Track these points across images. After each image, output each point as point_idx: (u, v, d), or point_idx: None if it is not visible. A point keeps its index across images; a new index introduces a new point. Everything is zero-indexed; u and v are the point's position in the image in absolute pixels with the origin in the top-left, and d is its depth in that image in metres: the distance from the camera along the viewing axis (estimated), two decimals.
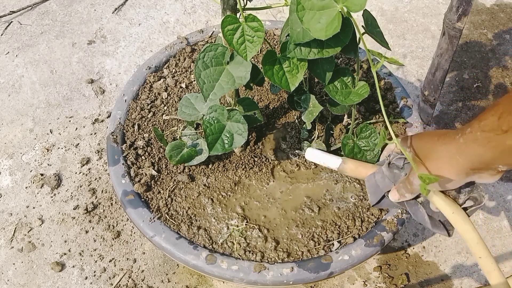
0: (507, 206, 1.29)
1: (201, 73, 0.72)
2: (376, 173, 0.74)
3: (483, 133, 0.54)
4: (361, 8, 0.58)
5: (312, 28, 0.61)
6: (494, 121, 0.53)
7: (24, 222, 1.24)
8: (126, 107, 0.98)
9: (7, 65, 1.61)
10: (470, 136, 0.56)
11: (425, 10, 1.82)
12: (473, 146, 0.56)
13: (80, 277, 1.15)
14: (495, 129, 0.52)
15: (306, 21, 0.61)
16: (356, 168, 0.78)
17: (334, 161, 0.80)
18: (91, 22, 1.76)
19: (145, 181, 0.86)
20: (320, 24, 0.60)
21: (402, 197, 0.70)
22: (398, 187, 0.70)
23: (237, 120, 0.77)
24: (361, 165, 0.78)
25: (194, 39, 1.11)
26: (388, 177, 0.71)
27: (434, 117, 1.48)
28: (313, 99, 0.82)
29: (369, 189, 0.76)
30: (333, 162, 0.80)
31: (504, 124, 0.51)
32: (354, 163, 0.78)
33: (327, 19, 0.60)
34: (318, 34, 0.61)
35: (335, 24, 0.60)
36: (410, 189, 0.68)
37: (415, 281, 1.15)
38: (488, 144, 0.54)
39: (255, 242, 0.80)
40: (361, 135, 0.85)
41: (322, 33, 0.60)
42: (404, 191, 0.69)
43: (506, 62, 1.63)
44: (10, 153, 1.38)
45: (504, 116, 0.51)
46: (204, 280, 1.14)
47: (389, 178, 0.71)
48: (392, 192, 0.71)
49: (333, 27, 0.60)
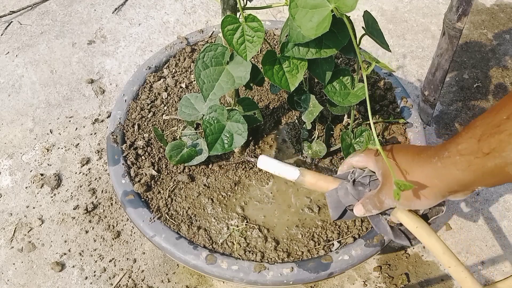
0: (507, 206, 1.29)
1: (201, 73, 0.72)
2: (339, 189, 0.72)
3: (462, 157, 0.53)
4: (352, 9, 0.58)
5: (303, 26, 0.61)
6: (474, 144, 0.51)
7: (24, 222, 1.24)
8: (126, 107, 0.98)
9: (7, 65, 1.61)
10: (449, 160, 0.55)
11: (425, 10, 1.82)
12: (453, 170, 0.54)
13: (80, 277, 1.15)
14: (475, 152, 0.51)
15: (298, 18, 0.61)
16: (316, 182, 0.74)
17: (291, 172, 0.75)
18: (91, 22, 1.76)
19: (145, 181, 0.86)
20: (312, 22, 0.60)
21: (368, 212, 0.69)
22: (365, 203, 0.68)
23: (237, 120, 0.78)
24: (321, 179, 0.74)
25: (194, 39, 1.11)
26: (352, 194, 0.70)
27: (434, 117, 1.48)
28: (313, 99, 0.82)
29: (331, 204, 0.74)
30: (290, 173, 0.75)
31: (485, 146, 0.50)
32: (313, 176, 0.75)
33: (319, 18, 0.60)
34: (309, 33, 0.61)
35: (325, 23, 0.59)
36: (379, 206, 0.66)
37: (415, 281, 1.15)
38: (469, 168, 0.52)
39: (255, 242, 0.80)
40: (359, 138, 0.85)
41: (312, 32, 0.60)
42: (371, 207, 0.67)
43: (506, 62, 1.63)
44: (10, 153, 1.38)
45: (484, 138, 0.50)
46: (204, 280, 1.14)
47: (353, 195, 0.70)
48: (358, 207, 0.70)
49: (323, 26, 0.60)
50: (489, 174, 0.51)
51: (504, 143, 0.48)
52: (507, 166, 0.49)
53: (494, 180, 0.53)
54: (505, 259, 1.20)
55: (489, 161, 0.50)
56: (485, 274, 1.18)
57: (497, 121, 0.49)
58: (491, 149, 0.49)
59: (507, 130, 0.47)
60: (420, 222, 0.66)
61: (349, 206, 0.72)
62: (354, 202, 0.71)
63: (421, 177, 0.59)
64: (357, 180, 0.71)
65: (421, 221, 0.66)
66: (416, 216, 0.66)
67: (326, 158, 0.91)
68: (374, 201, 0.67)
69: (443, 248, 0.64)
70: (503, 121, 0.48)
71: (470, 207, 1.29)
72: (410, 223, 0.66)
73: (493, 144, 0.49)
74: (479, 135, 0.51)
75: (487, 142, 0.49)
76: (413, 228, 0.66)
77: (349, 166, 0.74)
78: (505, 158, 0.48)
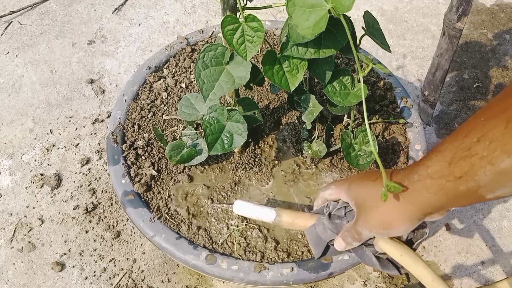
0: (507, 206, 1.29)
1: (201, 73, 0.72)
2: (317, 225, 0.70)
3: (433, 180, 0.51)
4: (348, 9, 0.57)
5: (300, 25, 0.60)
6: (445, 168, 0.50)
7: (24, 222, 1.24)
8: (126, 107, 0.98)
9: (7, 65, 1.61)
10: (420, 184, 0.53)
11: (425, 10, 1.82)
12: (425, 194, 0.53)
13: (80, 277, 1.15)
14: (446, 175, 0.49)
15: (295, 17, 0.61)
16: (293, 221, 0.72)
17: (268, 213, 0.72)
18: (91, 22, 1.76)
19: (145, 181, 0.86)
20: (308, 22, 0.60)
21: (348, 245, 0.66)
22: (344, 236, 0.67)
23: (237, 120, 0.77)
24: (297, 217, 0.72)
25: (194, 39, 1.11)
26: (330, 228, 0.68)
27: (434, 117, 1.48)
28: (313, 99, 0.82)
29: (311, 242, 0.72)
30: (266, 215, 0.72)
31: (456, 170, 0.48)
32: (290, 215, 0.72)
33: (316, 17, 0.60)
34: (305, 32, 0.60)
35: (322, 23, 0.59)
36: (358, 238, 0.64)
37: (415, 281, 1.15)
38: (441, 191, 0.51)
39: (255, 242, 0.80)
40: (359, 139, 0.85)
41: (309, 31, 0.60)
42: (351, 240, 0.65)
43: (506, 62, 1.63)
44: (10, 153, 1.38)
45: (455, 161, 0.48)
46: (204, 280, 1.14)
47: (331, 229, 0.68)
48: (338, 241, 0.67)
49: (319, 26, 0.59)
50: (462, 197, 0.50)
51: (476, 166, 0.46)
52: (480, 189, 0.47)
53: (467, 202, 0.51)
54: (505, 259, 1.20)
55: (462, 185, 0.49)
56: (485, 274, 1.18)
57: (467, 144, 0.47)
58: (463, 173, 0.48)
59: (478, 154, 0.46)
60: (404, 249, 0.63)
61: (330, 241, 0.70)
62: (334, 236, 0.68)
63: (394, 203, 0.57)
64: (332, 213, 0.69)
65: (406, 248, 0.63)
66: (400, 244, 0.64)
67: (326, 158, 0.91)
68: (352, 234, 0.65)
69: (431, 275, 0.62)
70: (473, 143, 0.47)
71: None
72: (393, 252, 0.63)
73: (465, 168, 0.47)
74: (449, 158, 0.49)
75: (459, 165, 0.48)
76: (398, 257, 0.63)
77: (323, 200, 0.72)
78: (478, 181, 0.47)
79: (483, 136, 0.46)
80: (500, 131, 0.44)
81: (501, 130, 0.44)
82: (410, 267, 0.63)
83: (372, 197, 0.61)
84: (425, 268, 0.62)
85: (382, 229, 0.60)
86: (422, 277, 0.62)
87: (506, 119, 0.44)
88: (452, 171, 0.49)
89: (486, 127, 0.45)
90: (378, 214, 0.60)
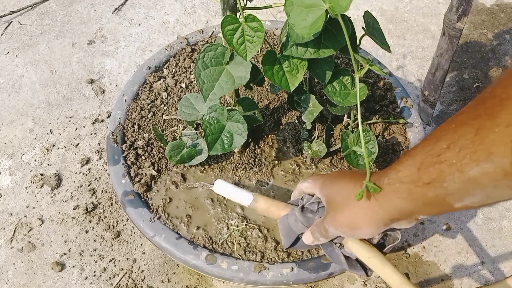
0: (507, 206, 1.29)
1: (201, 73, 0.72)
2: (289, 216, 0.71)
3: (402, 185, 0.51)
4: (345, 9, 0.57)
5: (297, 25, 0.60)
6: (414, 173, 0.49)
7: (24, 222, 1.24)
8: (126, 107, 0.98)
9: (7, 65, 1.61)
10: (389, 188, 0.53)
11: (425, 10, 1.82)
12: (393, 198, 0.52)
13: (80, 277, 1.15)
14: (415, 181, 0.49)
15: (292, 16, 0.61)
16: (268, 208, 0.73)
17: (245, 197, 0.73)
18: (91, 22, 1.76)
19: (145, 181, 0.86)
20: (306, 21, 0.60)
21: (316, 240, 0.66)
22: (313, 230, 0.67)
23: (237, 120, 0.77)
24: (273, 205, 0.73)
25: (194, 39, 1.11)
26: (301, 221, 0.68)
27: (434, 117, 1.48)
28: (313, 99, 0.82)
29: (282, 232, 0.72)
30: (244, 198, 0.73)
31: (425, 176, 0.47)
32: (266, 202, 0.73)
33: (313, 17, 0.60)
34: (302, 31, 0.60)
35: (319, 23, 0.59)
36: (325, 235, 0.64)
37: (415, 281, 1.15)
38: (409, 196, 0.50)
39: (255, 242, 0.80)
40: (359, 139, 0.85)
41: (306, 31, 0.60)
42: (319, 235, 0.65)
43: (506, 62, 1.63)
44: (10, 153, 1.38)
45: (424, 167, 0.47)
46: (204, 280, 1.14)
47: (302, 222, 0.68)
48: (306, 235, 0.68)
49: (316, 26, 0.59)
50: (430, 204, 0.49)
51: (445, 173, 0.45)
52: (448, 197, 0.46)
53: (435, 210, 0.51)
54: (505, 259, 1.20)
55: (430, 191, 0.47)
56: (485, 274, 1.18)
57: (437, 150, 0.46)
58: (432, 179, 0.47)
59: (447, 160, 0.45)
60: (373, 252, 0.62)
61: (301, 234, 0.70)
62: (304, 229, 0.69)
63: (362, 205, 0.57)
64: (305, 206, 0.69)
65: (374, 251, 0.63)
66: (369, 246, 0.63)
67: (326, 158, 0.91)
68: (320, 229, 0.65)
69: (400, 279, 0.60)
70: (443, 150, 0.45)
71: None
72: (362, 253, 0.63)
73: (434, 174, 0.46)
74: (419, 163, 0.48)
75: (427, 171, 0.47)
76: (366, 259, 0.63)
77: (300, 192, 0.72)
78: (446, 188, 0.46)
79: (453, 143, 0.44)
80: (470, 139, 0.43)
81: (471, 137, 0.42)
82: (378, 270, 0.62)
83: (343, 196, 0.61)
84: (393, 272, 0.61)
85: (348, 228, 0.60)
86: (390, 281, 0.61)
87: (476, 127, 0.42)
88: (421, 177, 0.48)
89: (457, 134, 0.44)
90: (346, 214, 0.60)
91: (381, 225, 0.57)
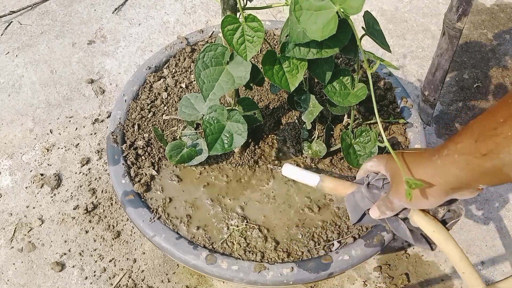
0: (507, 206, 1.29)
1: (201, 73, 0.72)
2: (356, 193, 0.74)
3: (460, 156, 0.54)
4: (358, 11, 0.57)
5: (308, 29, 0.61)
6: (471, 144, 0.52)
7: (24, 222, 1.24)
8: (126, 107, 0.98)
9: (7, 65, 1.61)
10: (448, 159, 0.56)
11: (425, 10, 1.82)
12: (452, 169, 0.56)
13: (80, 277, 1.15)
14: (472, 152, 0.52)
15: (303, 21, 0.61)
16: (335, 187, 0.77)
17: (312, 178, 0.77)
18: (91, 22, 1.76)
19: (145, 181, 0.86)
20: (317, 24, 0.60)
21: (382, 214, 0.70)
22: (379, 204, 0.70)
23: (236, 120, 0.77)
24: (339, 184, 0.77)
25: (194, 39, 1.11)
26: (367, 197, 0.72)
27: (434, 117, 1.48)
28: (313, 99, 0.82)
29: (349, 208, 0.76)
30: (311, 179, 0.77)
31: (482, 147, 0.51)
32: (332, 181, 0.76)
33: (324, 20, 0.60)
34: (314, 35, 0.60)
35: (331, 25, 0.59)
36: (390, 207, 0.68)
37: (415, 281, 1.15)
38: (467, 166, 0.54)
39: (255, 242, 0.80)
40: (359, 139, 0.85)
41: (318, 34, 0.60)
42: (385, 209, 0.69)
43: (506, 62, 1.63)
44: (10, 153, 1.38)
45: (481, 139, 0.51)
46: (204, 280, 1.14)
47: (368, 198, 0.72)
48: (373, 209, 0.72)
49: (329, 28, 0.60)
50: (487, 174, 0.53)
51: (501, 145, 0.49)
52: (504, 167, 0.50)
53: (493, 180, 0.54)
54: (505, 259, 1.20)
55: (487, 162, 0.51)
56: (485, 274, 1.18)
57: (493, 123, 0.50)
58: (488, 151, 0.50)
59: (503, 133, 0.48)
60: (438, 226, 0.66)
61: (367, 210, 0.74)
62: (370, 205, 0.72)
63: (424, 176, 0.60)
64: (371, 183, 0.73)
65: (439, 226, 0.66)
66: (434, 220, 0.67)
67: (326, 158, 0.91)
68: (386, 203, 0.68)
69: (460, 255, 0.65)
70: (499, 124, 0.49)
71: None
72: (427, 226, 0.66)
73: (490, 146, 0.50)
74: (476, 135, 0.52)
75: (484, 143, 0.51)
76: (430, 232, 0.66)
77: (365, 171, 0.76)
78: (502, 159, 0.49)
79: (509, 117, 0.48)
80: None
81: None
82: (441, 244, 0.66)
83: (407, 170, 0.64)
84: (455, 247, 0.65)
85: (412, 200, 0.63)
86: (451, 255, 0.65)
87: None
88: (478, 148, 0.51)
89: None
90: None
91: (442, 195, 0.60)
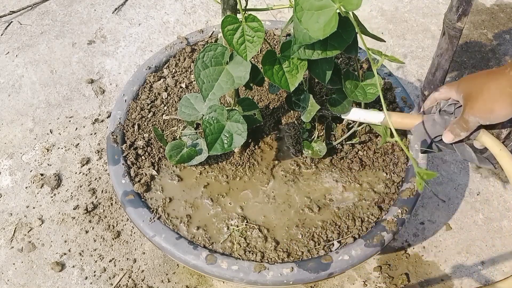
0: (507, 206, 1.29)
1: (201, 73, 0.72)
2: (426, 121, 0.77)
3: None
4: (357, 7, 0.58)
5: (310, 28, 0.61)
6: None
7: (24, 222, 1.24)
8: (126, 107, 0.98)
9: (7, 65, 1.61)
10: None
11: (425, 10, 1.82)
12: None
13: (80, 277, 1.15)
14: None
15: (304, 21, 0.61)
16: (402, 120, 0.79)
17: (378, 116, 0.81)
18: (91, 22, 1.76)
19: (145, 181, 0.86)
20: (318, 23, 0.60)
21: (457, 136, 0.72)
22: (452, 128, 0.73)
23: (236, 120, 0.77)
24: (406, 116, 0.80)
25: (194, 39, 1.11)
26: (439, 124, 0.75)
27: None
28: (311, 99, 0.82)
29: (417, 137, 0.78)
30: (376, 117, 0.81)
31: None
32: (398, 115, 0.80)
33: (325, 18, 0.60)
34: (317, 34, 0.61)
35: (332, 23, 0.60)
36: (466, 127, 0.70)
37: (415, 281, 1.15)
38: None
39: (255, 242, 0.80)
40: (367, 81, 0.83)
41: (320, 33, 0.61)
42: (459, 131, 0.71)
43: (506, 62, 1.63)
44: (10, 153, 1.38)
45: None
46: (204, 280, 1.14)
47: (440, 125, 0.75)
48: (446, 134, 0.74)
49: (330, 26, 0.60)
50: None
51: None
52: None
53: None
54: (505, 259, 1.20)
55: None
56: (485, 274, 1.18)
57: None
58: None
59: None
60: (503, 145, 0.70)
61: (435, 138, 0.76)
62: (441, 132, 0.75)
63: (496, 90, 0.64)
64: (442, 109, 0.75)
65: (503, 145, 0.71)
66: (499, 141, 0.71)
67: (326, 158, 0.91)
68: (460, 124, 0.71)
69: None
70: None
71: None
72: (494, 145, 0.70)
73: None
74: None
75: None
76: (497, 151, 0.70)
77: (432, 101, 0.78)
78: None
79: None
80: None
81: None
82: (505, 162, 0.70)
83: (478, 87, 0.68)
84: None
85: (485, 113, 0.67)
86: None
87: None
88: None
89: None
90: (482, 100, 0.67)
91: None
